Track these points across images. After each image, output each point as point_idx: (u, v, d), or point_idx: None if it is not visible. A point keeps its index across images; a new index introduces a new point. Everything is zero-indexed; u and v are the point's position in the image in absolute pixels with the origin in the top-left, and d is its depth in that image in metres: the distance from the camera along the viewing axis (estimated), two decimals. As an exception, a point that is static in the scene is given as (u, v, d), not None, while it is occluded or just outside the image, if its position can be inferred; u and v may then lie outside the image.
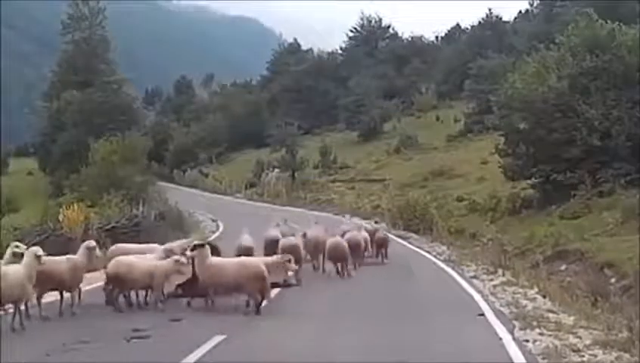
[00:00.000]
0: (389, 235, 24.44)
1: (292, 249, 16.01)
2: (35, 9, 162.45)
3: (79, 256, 12.48)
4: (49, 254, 15.93)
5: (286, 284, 15.55)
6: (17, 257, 11.78)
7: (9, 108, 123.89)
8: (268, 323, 11.77)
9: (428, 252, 24.61)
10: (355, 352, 9.81)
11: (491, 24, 78.77)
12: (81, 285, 12.65)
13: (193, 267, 12.82)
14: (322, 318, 12.39)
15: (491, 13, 79.98)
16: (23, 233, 22.19)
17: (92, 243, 12.84)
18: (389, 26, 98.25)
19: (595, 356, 9.45)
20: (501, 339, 10.35)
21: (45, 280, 11.60)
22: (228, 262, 12.89)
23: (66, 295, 12.33)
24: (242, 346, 10.15)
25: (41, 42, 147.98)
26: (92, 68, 77.22)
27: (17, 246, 12.35)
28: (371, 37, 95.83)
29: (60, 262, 12.17)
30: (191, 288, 13.16)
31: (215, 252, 13.70)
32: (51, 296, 12.41)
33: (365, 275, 18.01)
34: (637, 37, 28.17)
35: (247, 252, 17.08)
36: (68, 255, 12.77)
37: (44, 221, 24.75)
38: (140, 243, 17.39)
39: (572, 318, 11.97)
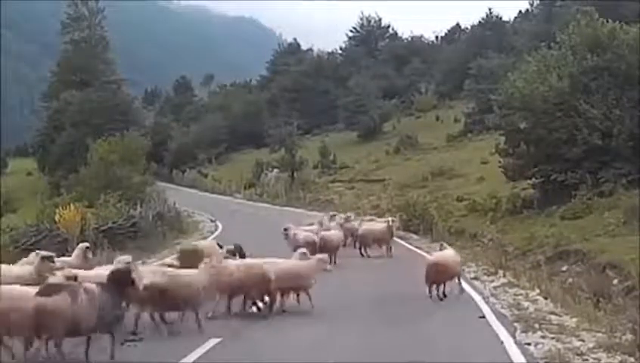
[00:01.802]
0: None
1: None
2: (35, 9, 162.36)
3: (73, 258, 12.30)
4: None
5: None
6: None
7: (9, 108, 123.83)
8: (264, 325, 11.59)
9: (428, 252, 24.37)
10: (355, 354, 9.66)
11: (491, 24, 78.63)
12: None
13: None
14: (320, 320, 12.20)
15: (491, 13, 79.96)
16: (18, 233, 21.96)
17: (86, 244, 12.65)
18: (389, 26, 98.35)
19: (599, 360, 9.27)
20: (502, 342, 10.16)
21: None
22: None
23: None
24: (238, 349, 9.99)
25: (41, 42, 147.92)
26: (91, 68, 77.27)
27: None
28: (370, 37, 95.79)
29: None
30: None
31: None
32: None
33: (363, 276, 17.83)
34: (638, 36, 27.96)
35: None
36: (63, 258, 12.59)
37: (40, 221, 24.52)
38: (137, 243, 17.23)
39: (574, 320, 11.79)
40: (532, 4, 77.64)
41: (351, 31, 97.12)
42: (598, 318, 11.94)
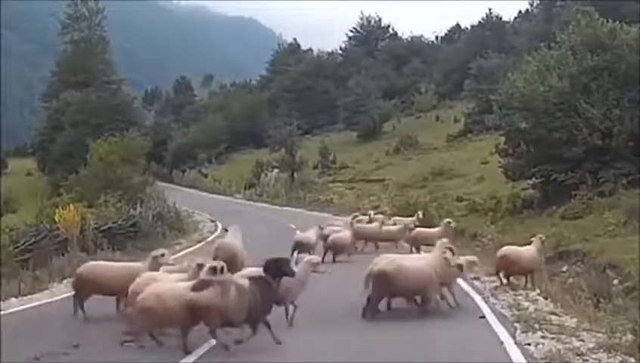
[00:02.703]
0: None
1: None
2: (35, 9, 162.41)
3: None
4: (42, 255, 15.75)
5: None
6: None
7: (9, 108, 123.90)
8: (264, 325, 11.54)
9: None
10: (355, 354, 9.63)
11: (491, 24, 78.79)
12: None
13: None
14: (320, 320, 12.16)
15: (491, 13, 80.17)
16: (18, 233, 21.87)
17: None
18: (389, 26, 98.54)
19: (599, 360, 9.24)
20: (502, 342, 10.13)
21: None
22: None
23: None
24: (238, 349, 9.94)
25: (41, 42, 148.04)
26: (91, 68, 77.33)
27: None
28: (370, 37, 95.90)
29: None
30: None
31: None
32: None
33: (362, 277, 17.76)
34: (638, 36, 27.95)
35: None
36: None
37: (40, 221, 24.43)
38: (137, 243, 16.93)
39: (574, 321, 11.75)
40: (532, 4, 77.87)
41: (351, 31, 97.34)
42: (598, 319, 11.92)
